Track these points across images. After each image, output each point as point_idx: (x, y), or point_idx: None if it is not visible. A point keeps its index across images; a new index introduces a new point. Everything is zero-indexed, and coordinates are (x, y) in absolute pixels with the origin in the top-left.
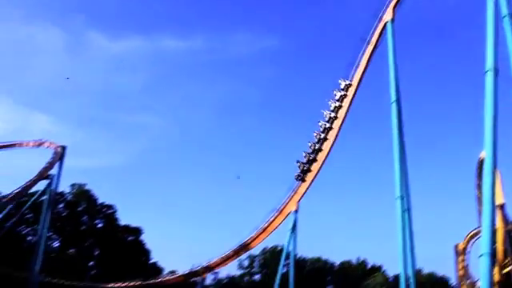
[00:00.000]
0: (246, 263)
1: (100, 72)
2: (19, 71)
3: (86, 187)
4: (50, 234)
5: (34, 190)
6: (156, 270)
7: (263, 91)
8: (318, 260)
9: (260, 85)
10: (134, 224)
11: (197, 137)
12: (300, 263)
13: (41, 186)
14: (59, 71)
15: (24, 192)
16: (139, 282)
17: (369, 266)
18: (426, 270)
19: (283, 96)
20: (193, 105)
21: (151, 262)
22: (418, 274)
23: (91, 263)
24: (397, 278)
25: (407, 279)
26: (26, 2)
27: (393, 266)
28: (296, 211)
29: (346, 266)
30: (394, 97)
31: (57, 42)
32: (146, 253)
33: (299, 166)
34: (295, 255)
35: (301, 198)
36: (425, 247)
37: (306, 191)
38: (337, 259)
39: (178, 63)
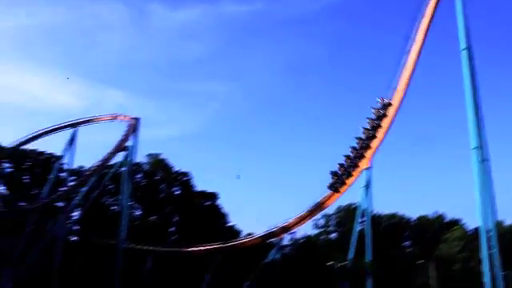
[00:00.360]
0: (321, 222)
1: (165, 42)
2: (89, 49)
3: (162, 156)
4: (132, 203)
5: (113, 162)
6: (233, 232)
7: (329, 48)
8: (394, 216)
9: (325, 42)
10: (209, 189)
11: (264, 99)
12: (376, 220)
13: (119, 158)
14: (127, 45)
15: (104, 164)
16: (218, 245)
17: (447, 219)
18: (507, 222)
19: (350, 52)
20: (258, 68)
21: (228, 225)
22: (498, 225)
23: (172, 229)
24: (477, 231)
25: (488, 232)
26: None
27: (472, 220)
28: (369, 168)
29: (423, 220)
30: (464, 44)
31: (121, 16)
32: (223, 217)
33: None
34: (371, 212)
35: (373, 155)
36: (507, 198)
37: (378, 147)
38: (413, 214)
39: (240, 27)
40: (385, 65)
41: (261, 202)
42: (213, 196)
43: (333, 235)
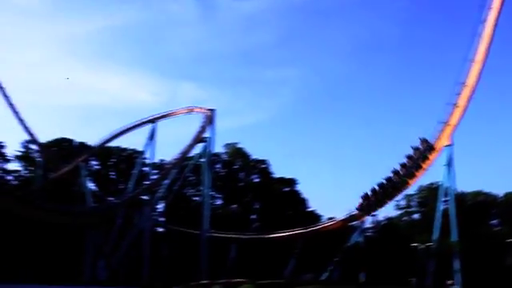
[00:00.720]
0: (403, 203)
1: (233, 32)
2: (162, 45)
3: (239, 145)
4: (213, 193)
5: (192, 154)
6: (314, 217)
7: (401, 26)
8: (480, 193)
9: (397, 20)
10: (288, 175)
11: (337, 81)
12: (460, 198)
13: (198, 149)
14: (197, 39)
15: (184, 157)
16: (300, 230)
17: None
18: None
19: (423, 30)
20: (330, 50)
21: (309, 210)
22: None
23: (253, 216)
24: None
25: None
26: None
27: None
28: (450, 145)
29: (510, 197)
30: None
31: (190, 11)
32: (302, 202)
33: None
34: (454, 190)
35: (453, 131)
36: None
37: (458, 124)
38: (500, 191)
39: (308, 10)
40: (459, 41)
41: (340, 185)
42: (291, 182)
43: (415, 216)
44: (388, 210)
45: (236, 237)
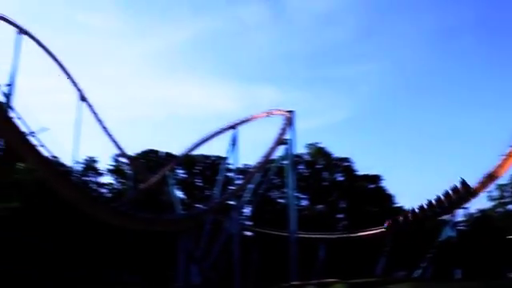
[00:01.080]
0: (495, 194)
1: (307, 32)
2: (237, 52)
3: (320, 145)
4: (298, 194)
5: (275, 156)
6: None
7: (477, 10)
8: None
9: (472, 4)
10: (372, 172)
11: (416, 73)
12: None
13: (280, 152)
14: (271, 42)
15: (267, 160)
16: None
17: None
18: None
19: (499, 12)
20: (406, 42)
21: (396, 206)
22: None
23: (340, 216)
24: None
25: None
26: None
27: None
28: None
29: None
30: None
31: (261, 15)
32: (389, 198)
33: None
34: None
35: None
36: None
37: None
38: None
39: (381, 3)
40: None
41: (427, 180)
42: (376, 178)
43: (510, 206)
44: (480, 202)
45: (324, 237)
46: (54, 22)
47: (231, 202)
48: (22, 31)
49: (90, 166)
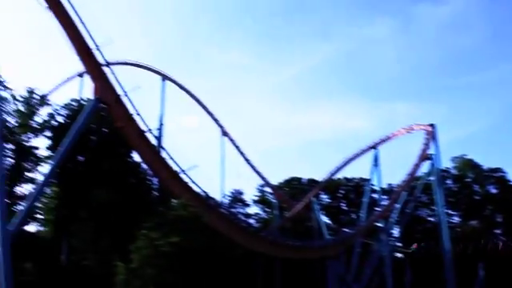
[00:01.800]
0: None
1: (435, 40)
2: (365, 70)
3: (467, 157)
4: (448, 210)
5: (419, 173)
6: None
7: None
8: None
9: None
10: None
11: None
12: None
13: (425, 168)
14: (399, 55)
15: (412, 177)
16: None
17: None
18: None
19: None
20: None
21: None
22: None
23: (497, 231)
24: None
25: None
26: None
27: None
28: None
29: None
30: None
31: (385, 29)
32: None
33: None
34: None
35: None
36: None
37: None
38: None
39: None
40: None
41: None
42: None
43: None
44: None
45: (481, 254)
46: (194, 64)
47: (379, 224)
48: (165, 77)
49: (237, 197)
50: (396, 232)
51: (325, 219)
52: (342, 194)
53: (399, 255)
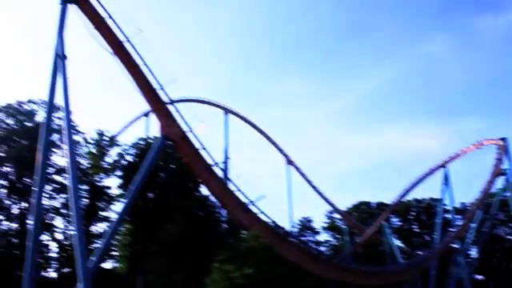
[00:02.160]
0: None
1: (498, 52)
2: (428, 88)
3: None
4: None
5: (494, 190)
6: None
7: None
8: None
9: None
10: None
11: None
12: None
13: (499, 184)
14: (462, 71)
15: (486, 195)
16: None
17: None
18: None
19: None
20: None
21: None
22: None
23: None
24: None
25: None
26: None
27: None
28: None
29: None
30: None
31: (445, 46)
32: None
33: None
34: None
35: None
36: None
37: None
38: None
39: None
40: None
41: None
42: None
43: None
44: None
45: None
46: (253, 96)
47: (454, 245)
48: (227, 111)
49: (306, 225)
50: (474, 253)
51: (397, 243)
52: (413, 216)
53: (479, 277)
